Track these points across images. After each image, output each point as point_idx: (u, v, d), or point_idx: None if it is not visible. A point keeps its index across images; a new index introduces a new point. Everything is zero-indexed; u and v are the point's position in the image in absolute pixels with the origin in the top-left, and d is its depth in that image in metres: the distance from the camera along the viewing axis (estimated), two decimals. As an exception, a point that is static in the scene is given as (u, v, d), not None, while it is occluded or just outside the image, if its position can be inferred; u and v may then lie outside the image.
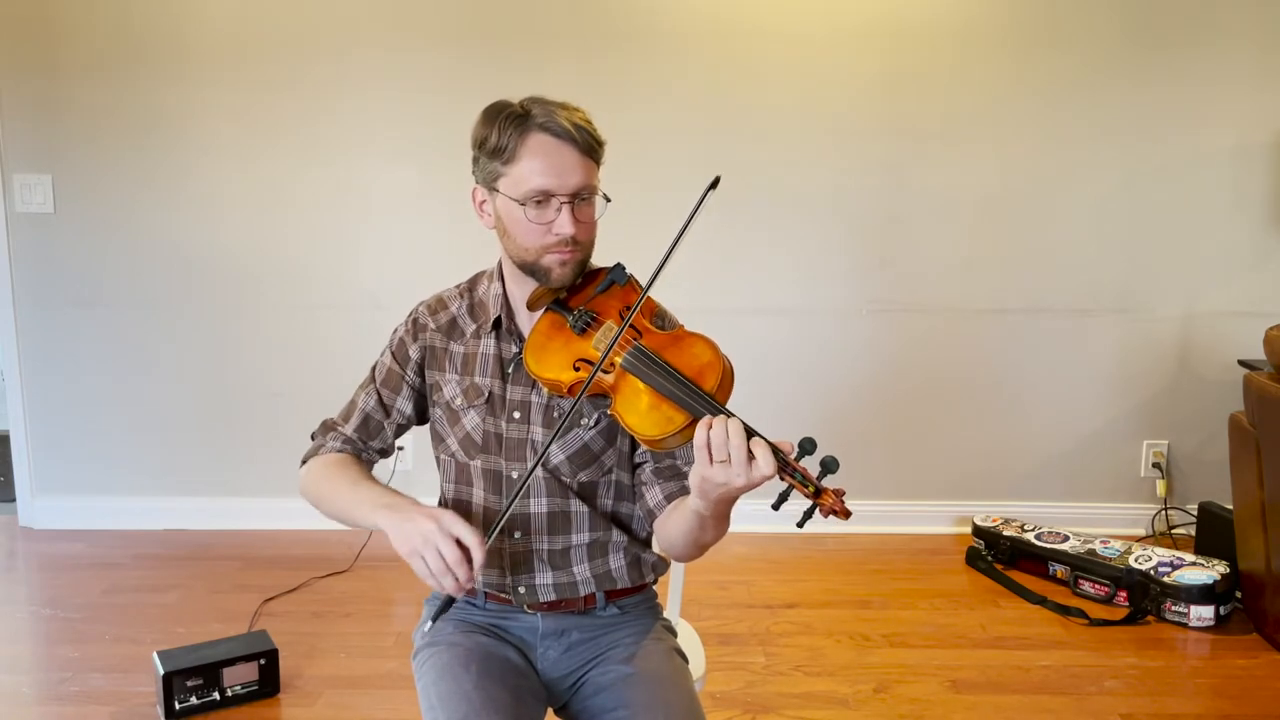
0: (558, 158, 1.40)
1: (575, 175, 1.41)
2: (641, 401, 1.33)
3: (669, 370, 1.32)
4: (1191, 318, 3.55)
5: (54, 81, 3.42)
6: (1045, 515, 3.52)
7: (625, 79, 3.43)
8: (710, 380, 1.31)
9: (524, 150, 1.40)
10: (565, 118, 1.41)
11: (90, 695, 2.52)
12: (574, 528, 1.54)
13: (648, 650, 1.54)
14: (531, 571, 1.55)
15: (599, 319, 1.45)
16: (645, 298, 1.42)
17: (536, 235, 1.42)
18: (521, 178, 1.41)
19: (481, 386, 1.54)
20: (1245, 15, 3.38)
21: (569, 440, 1.52)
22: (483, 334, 1.56)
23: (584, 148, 1.42)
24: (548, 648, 1.57)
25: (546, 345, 1.45)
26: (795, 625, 2.93)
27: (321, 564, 3.33)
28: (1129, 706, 2.51)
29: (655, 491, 1.53)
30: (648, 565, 1.60)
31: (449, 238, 3.45)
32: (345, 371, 3.57)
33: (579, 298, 1.48)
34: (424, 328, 1.60)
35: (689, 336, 1.38)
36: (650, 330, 1.41)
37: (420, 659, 1.56)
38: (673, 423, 1.29)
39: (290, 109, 3.45)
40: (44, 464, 3.65)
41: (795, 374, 3.57)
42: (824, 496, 1.22)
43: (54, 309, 3.56)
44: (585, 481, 1.54)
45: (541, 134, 1.40)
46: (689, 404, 1.29)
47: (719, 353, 1.33)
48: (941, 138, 3.46)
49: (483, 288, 1.60)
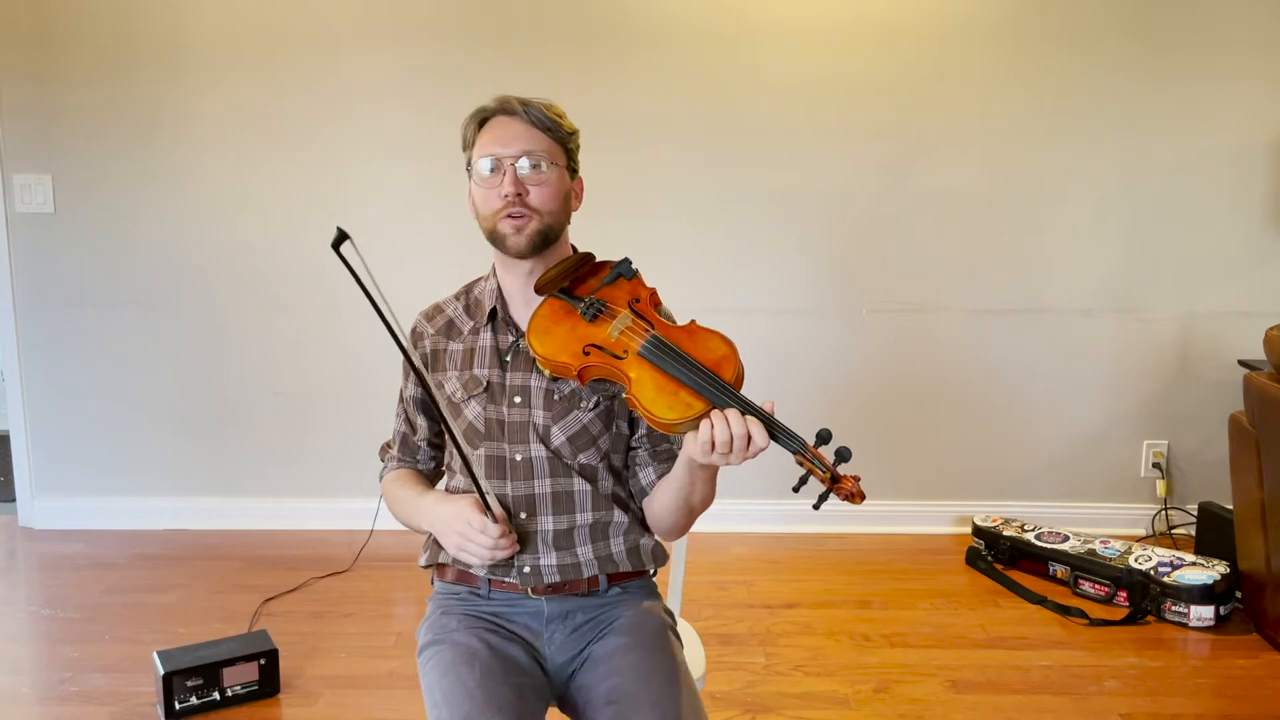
0: (505, 129, 1.54)
1: (518, 141, 1.52)
2: (659, 388, 1.39)
3: (688, 360, 1.40)
4: (1191, 318, 3.55)
5: (54, 82, 3.43)
6: (1045, 515, 3.52)
7: (624, 79, 3.43)
8: (728, 371, 1.39)
9: (481, 132, 1.56)
10: (517, 99, 1.55)
11: (90, 695, 2.52)
12: (577, 507, 1.58)
13: (643, 623, 1.58)
14: (536, 553, 1.57)
15: (610, 308, 1.50)
16: (650, 290, 1.53)
17: (490, 201, 1.53)
18: (478, 153, 1.55)
19: (480, 377, 1.59)
20: (1245, 16, 3.39)
21: (568, 423, 1.57)
22: (480, 329, 1.62)
23: (532, 120, 1.54)
24: (554, 632, 1.59)
25: (552, 329, 1.49)
26: (795, 625, 2.93)
27: (321, 564, 3.33)
28: (1129, 706, 2.51)
29: (649, 472, 1.62)
30: (647, 552, 1.63)
31: (448, 238, 3.44)
32: (344, 372, 3.60)
33: (584, 288, 1.54)
34: (421, 335, 1.67)
35: (703, 330, 1.46)
36: (662, 322, 1.48)
37: (425, 656, 1.57)
38: (692, 409, 1.36)
39: (289, 109, 3.45)
40: (44, 464, 3.65)
41: (795, 374, 3.57)
42: (842, 482, 1.34)
43: (54, 309, 3.56)
44: (585, 464, 1.58)
45: (495, 116, 1.56)
46: (709, 392, 1.37)
47: (734, 347, 1.43)
48: (941, 137, 3.46)
49: (479, 288, 1.67)
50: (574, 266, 1.54)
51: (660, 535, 1.65)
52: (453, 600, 1.63)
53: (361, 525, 3.50)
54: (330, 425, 3.59)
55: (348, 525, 3.54)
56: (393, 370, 3.54)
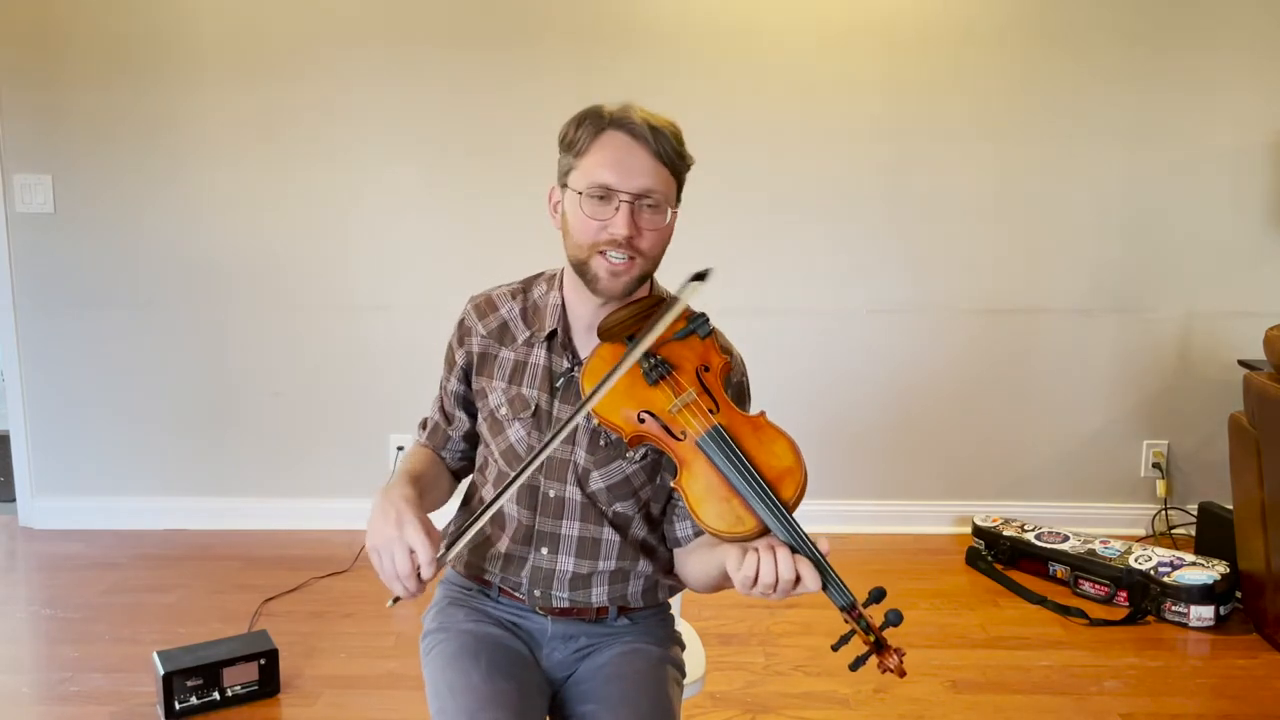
0: (626, 154, 1.37)
1: (642, 176, 1.37)
2: (711, 488, 1.27)
3: (748, 466, 1.26)
4: (1191, 318, 3.55)
5: (54, 82, 3.42)
6: (1045, 515, 3.52)
7: (625, 81, 3.42)
8: (789, 489, 1.25)
9: (595, 145, 1.39)
10: (644, 118, 1.39)
11: (90, 695, 2.52)
12: (602, 554, 1.51)
13: (639, 652, 1.54)
14: (549, 587, 1.53)
15: (674, 376, 1.35)
16: (724, 359, 1.39)
17: (591, 231, 1.38)
18: (588, 170, 1.38)
19: (529, 398, 1.49)
20: (1245, 17, 3.39)
21: (610, 471, 1.48)
22: (535, 342, 1.50)
23: (657, 152, 1.38)
24: (554, 649, 1.56)
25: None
26: (795, 625, 2.93)
27: (321, 564, 3.33)
28: (1129, 706, 2.51)
29: (686, 525, 1.52)
30: (664, 589, 1.59)
31: (449, 238, 3.44)
32: (345, 371, 3.60)
33: (650, 331, 1.33)
34: (470, 331, 1.55)
35: (770, 429, 1.31)
36: (729, 406, 1.34)
37: (429, 642, 1.55)
38: (743, 524, 1.24)
39: (289, 109, 3.44)
40: (44, 464, 3.65)
41: (795, 374, 3.57)
42: (886, 654, 1.25)
43: (54, 309, 3.56)
44: (620, 512, 1.50)
45: (616, 131, 1.39)
46: (764, 511, 1.24)
47: (800, 458, 1.28)
48: (941, 138, 3.46)
49: (539, 291, 1.53)
50: (646, 310, 1.40)
51: (686, 586, 1.58)
52: (463, 594, 1.61)
53: (361, 525, 3.45)
54: (330, 425, 3.59)
55: (348, 525, 3.54)
56: (393, 370, 3.55)
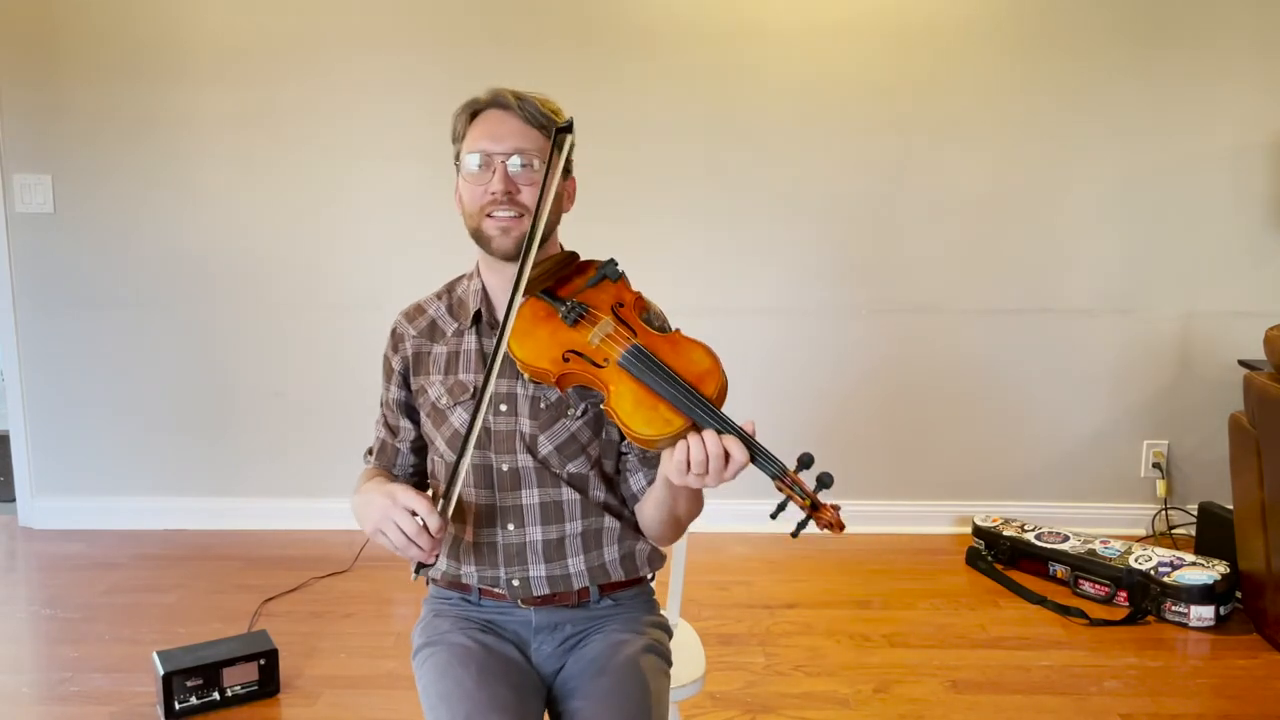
0: (497, 124, 1.49)
1: (513, 138, 1.47)
2: (638, 400, 1.34)
3: (669, 373, 1.34)
4: (1191, 318, 3.55)
5: (54, 82, 3.43)
6: (1045, 515, 3.52)
7: (622, 79, 3.43)
8: (710, 387, 1.33)
9: (472, 125, 1.51)
10: (511, 92, 1.50)
11: (90, 695, 2.52)
12: (566, 516, 1.54)
13: (624, 644, 1.54)
14: (525, 564, 1.54)
15: (592, 312, 1.45)
16: (635, 294, 1.48)
17: (477, 196, 1.48)
18: (469, 146, 1.50)
19: (466, 383, 1.55)
20: (1245, 16, 3.39)
21: (555, 432, 1.52)
22: (464, 331, 1.57)
23: (526, 116, 1.49)
24: (541, 642, 1.57)
25: (532, 332, 1.44)
26: (795, 625, 2.93)
27: (321, 564, 3.33)
28: (1129, 706, 2.51)
29: (639, 477, 1.57)
30: (642, 557, 1.60)
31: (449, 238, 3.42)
32: (345, 372, 3.60)
33: (568, 288, 1.48)
34: (402, 337, 1.61)
35: (686, 341, 1.40)
36: (645, 330, 1.43)
37: (420, 658, 1.56)
38: (670, 425, 1.31)
39: (289, 109, 3.45)
40: (44, 464, 3.65)
41: (794, 374, 3.57)
42: (822, 510, 1.31)
43: (54, 309, 3.56)
44: (574, 472, 1.54)
45: (488, 109, 1.51)
46: (688, 408, 1.31)
47: (718, 361, 1.37)
48: (940, 137, 3.46)
49: (462, 287, 1.62)
50: (558, 266, 1.49)
51: (653, 542, 1.62)
52: (445, 604, 1.62)
53: (361, 525, 3.49)
54: (330, 425, 3.59)
55: (348, 525, 3.51)
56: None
